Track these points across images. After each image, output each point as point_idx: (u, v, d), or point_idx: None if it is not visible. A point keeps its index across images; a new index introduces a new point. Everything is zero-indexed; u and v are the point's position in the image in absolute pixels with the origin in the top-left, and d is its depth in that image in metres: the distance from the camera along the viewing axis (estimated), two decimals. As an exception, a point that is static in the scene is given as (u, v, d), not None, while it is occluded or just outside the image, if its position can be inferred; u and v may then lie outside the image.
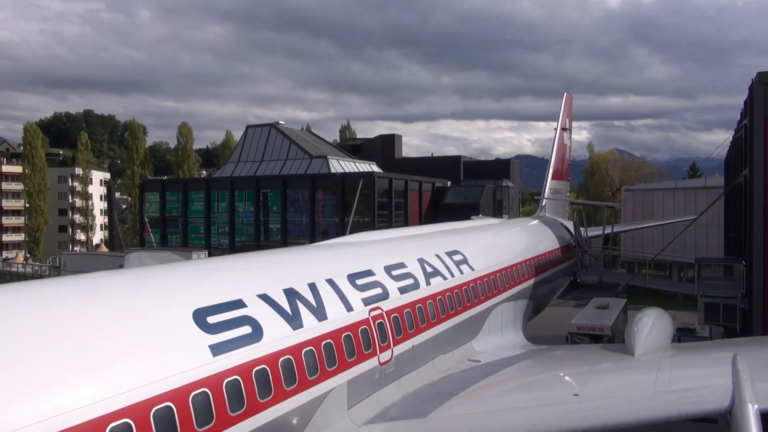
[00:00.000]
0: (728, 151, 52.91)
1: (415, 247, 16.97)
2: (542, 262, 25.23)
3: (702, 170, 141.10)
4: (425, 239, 18.08)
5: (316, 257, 13.72)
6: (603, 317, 38.62)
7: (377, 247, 15.96)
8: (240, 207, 71.25)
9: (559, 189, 37.09)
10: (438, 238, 18.75)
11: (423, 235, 18.48)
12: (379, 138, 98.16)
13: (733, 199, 37.37)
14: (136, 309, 8.56)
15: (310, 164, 70.87)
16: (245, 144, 78.82)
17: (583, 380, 14.05)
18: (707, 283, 28.64)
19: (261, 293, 10.39)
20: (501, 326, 19.28)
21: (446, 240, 18.86)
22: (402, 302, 13.64)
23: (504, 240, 23.53)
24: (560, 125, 37.58)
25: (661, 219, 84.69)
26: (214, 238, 73.25)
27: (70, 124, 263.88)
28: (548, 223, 31.03)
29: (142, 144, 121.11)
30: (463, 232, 20.91)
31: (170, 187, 76.71)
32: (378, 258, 14.70)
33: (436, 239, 18.44)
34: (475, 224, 23.89)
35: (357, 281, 12.85)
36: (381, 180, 64.19)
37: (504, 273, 20.14)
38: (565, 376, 14.45)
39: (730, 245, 40.94)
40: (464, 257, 17.80)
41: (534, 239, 26.54)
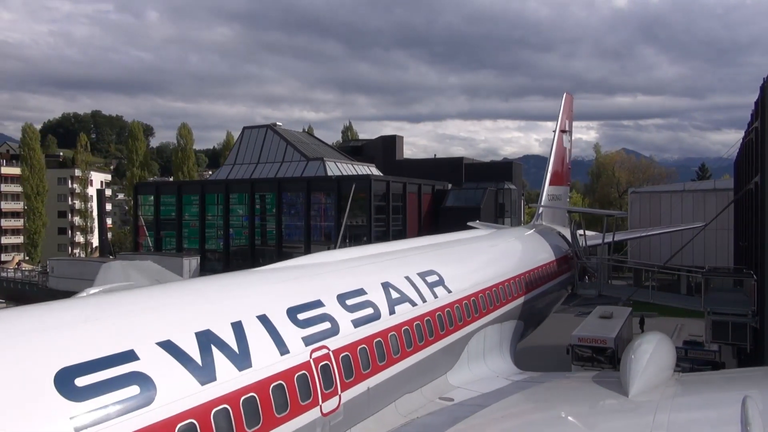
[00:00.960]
0: (738, 153, 50.71)
1: (380, 269, 14.94)
2: (536, 276, 23.24)
3: (712, 171, 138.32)
4: (394, 259, 16.07)
5: (250, 288, 11.69)
6: (606, 328, 36.48)
7: (333, 272, 13.80)
8: (234, 210, 69.61)
9: (558, 195, 35.05)
10: (410, 257, 16.75)
11: (393, 254, 16.43)
12: (380, 139, 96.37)
13: (744, 206, 35.23)
14: None
15: (306, 166, 69.15)
16: (241, 146, 77.22)
17: (566, 430, 12.18)
18: (715, 297, 26.56)
19: (163, 340, 8.52)
20: (484, 353, 17.35)
21: (420, 259, 16.88)
22: (356, 337, 11.74)
23: (490, 255, 21.48)
24: (559, 127, 35.55)
25: (668, 223, 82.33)
26: (209, 241, 71.70)
27: (78, 124, 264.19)
28: (544, 232, 29.02)
29: (142, 145, 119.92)
30: (443, 248, 18.86)
31: (164, 190, 75.24)
32: (331, 285, 12.64)
33: (408, 258, 16.47)
34: (461, 237, 21.85)
35: (299, 316, 10.95)
36: (378, 183, 62.32)
37: (489, 293, 18.18)
38: (544, 425, 12.58)
39: (740, 254, 38.76)
40: (440, 278, 15.90)
41: (527, 251, 24.53)
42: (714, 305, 25.37)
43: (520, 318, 21.09)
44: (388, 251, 16.54)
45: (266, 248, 67.36)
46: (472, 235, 22.83)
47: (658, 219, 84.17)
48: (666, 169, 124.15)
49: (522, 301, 21.15)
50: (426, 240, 19.58)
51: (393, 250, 16.75)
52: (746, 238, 34.90)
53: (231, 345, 9.24)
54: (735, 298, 27.77)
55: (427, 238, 20.17)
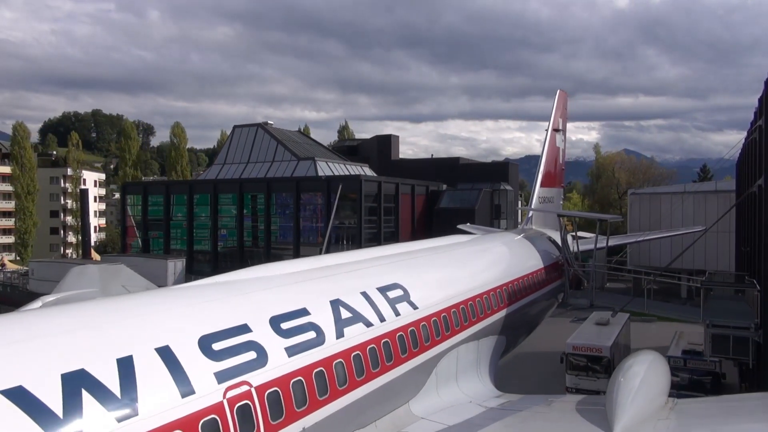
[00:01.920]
0: (740, 153, 49.00)
1: (331, 284, 13.07)
2: (521, 286, 21.40)
3: (713, 172, 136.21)
4: (352, 272, 14.12)
5: (158, 311, 9.67)
6: (602, 335, 34.58)
7: (270, 289, 11.75)
8: (223, 211, 67.83)
9: (550, 197, 33.21)
10: (372, 269, 14.80)
11: (351, 266, 14.50)
12: (375, 139, 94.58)
13: (747, 209, 33.41)
14: None
15: (297, 166, 67.38)
16: (231, 145, 75.44)
17: None
18: (715, 307, 24.72)
19: (13, 387, 6.75)
20: (457, 375, 15.54)
21: (383, 270, 14.96)
22: (290, 368, 9.87)
23: (469, 263, 19.42)
24: (552, 126, 33.70)
25: (668, 225, 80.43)
26: (198, 243, 69.94)
27: (78, 123, 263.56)
28: (533, 237, 27.16)
29: (136, 144, 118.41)
30: (413, 258, 16.90)
31: (152, 190, 73.51)
32: (265, 305, 10.86)
33: (369, 270, 14.56)
34: (438, 244, 19.97)
35: (215, 345, 9.10)
36: (369, 183, 60.49)
37: (464, 307, 16.37)
38: None
39: (742, 260, 36.92)
40: (405, 292, 14.10)
41: (513, 258, 22.67)
42: (714, 317, 23.52)
43: (502, 333, 19.26)
44: (347, 262, 14.70)
45: (255, 250, 65.63)
46: (451, 241, 20.97)
47: (658, 221, 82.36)
48: (666, 170, 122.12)
49: (504, 314, 19.31)
50: (396, 248, 17.72)
51: (353, 261, 14.90)
52: (749, 243, 33.09)
53: (111, 388, 7.41)
54: (737, 308, 25.93)
55: (399, 246, 18.30)
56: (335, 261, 14.56)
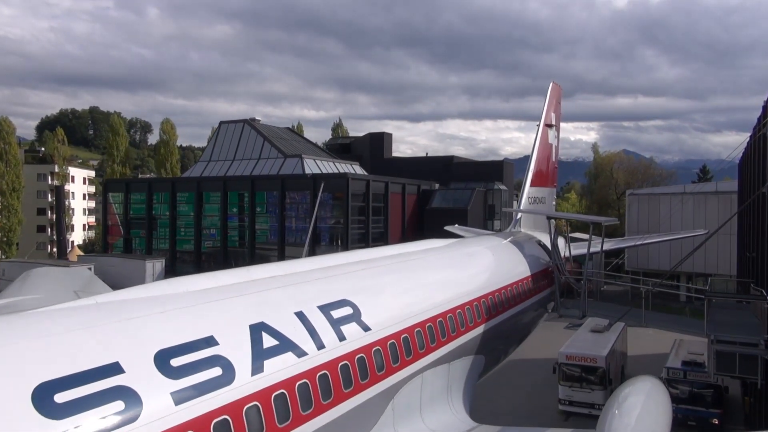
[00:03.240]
0: (743, 154, 46.81)
1: (258, 303, 10.36)
2: (505, 297, 19.03)
3: (713, 173, 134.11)
4: (288, 286, 11.47)
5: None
6: (597, 344, 32.25)
7: (167, 311, 8.99)
8: (207, 209, 65.47)
9: (541, 197, 30.81)
10: (315, 283, 12.17)
11: (290, 278, 11.88)
12: (368, 136, 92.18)
13: (753, 213, 31.10)
14: None
15: (283, 164, 65.07)
16: (217, 142, 73.10)
17: None
18: (720, 320, 22.38)
19: None
20: (420, 407, 13.15)
21: (331, 284, 12.39)
22: (176, 421, 7.43)
23: (443, 273, 16.83)
24: (544, 121, 31.26)
25: (668, 227, 78.20)
26: (182, 242, 67.59)
27: (76, 120, 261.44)
28: (521, 242, 24.76)
29: (124, 141, 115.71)
30: (373, 267, 14.27)
31: (135, 188, 71.13)
32: (152, 335, 8.25)
33: (311, 284, 11.89)
34: (410, 249, 17.44)
35: (59, 397, 6.55)
36: (356, 182, 58.11)
37: (432, 324, 14.00)
38: None
39: (745, 265, 34.62)
40: (355, 310, 11.68)
41: (497, 266, 20.24)
42: (719, 331, 21.17)
43: (479, 352, 16.86)
44: (286, 273, 12.19)
45: (239, 250, 63.31)
46: (426, 246, 18.52)
47: (657, 222, 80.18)
48: (666, 171, 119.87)
49: (483, 330, 16.91)
50: (355, 255, 15.22)
51: (295, 272, 12.41)
52: (754, 249, 30.79)
53: None
54: (743, 320, 23.60)
55: (360, 253, 15.76)
56: (271, 272, 11.99)
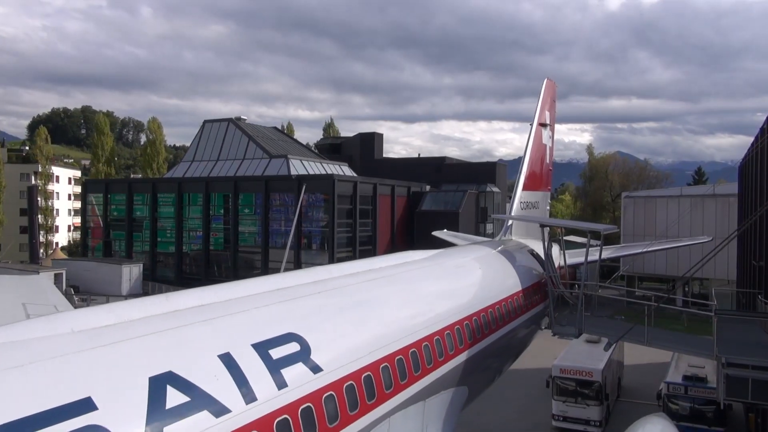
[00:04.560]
0: (744, 158, 45.04)
1: (166, 344, 7.91)
2: (492, 317, 16.83)
3: (707, 174, 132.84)
4: (213, 319, 8.98)
5: None
6: (593, 356, 30.23)
7: (33, 364, 6.38)
8: (188, 212, 63.09)
9: (534, 202, 28.65)
10: (252, 312, 9.74)
11: (219, 308, 9.44)
12: (358, 137, 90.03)
13: (758, 220, 29.08)
14: None
15: (268, 165, 62.74)
16: (201, 141, 70.68)
17: None
18: (729, 337, 20.33)
19: None
20: None
21: (273, 312, 10.06)
22: None
23: (418, 292, 14.45)
24: (537, 120, 29.09)
25: (664, 230, 76.18)
26: (162, 245, 65.19)
27: (68, 120, 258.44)
28: (511, 252, 22.57)
29: (109, 140, 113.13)
30: (326, 289, 11.93)
31: (114, 188, 68.68)
32: (7, 398, 5.75)
33: (247, 314, 9.55)
34: (382, 264, 14.85)
35: None
36: (343, 184, 55.86)
37: (403, 357, 11.77)
38: None
39: (748, 272, 32.65)
40: (304, 347, 9.38)
41: (484, 280, 17.95)
42: (729, 352, 19.09)
43: (462, 383, 14.63)
44: (218, 301, 9.79)
45: (222, 253, 61.02)
46: (403, 259, 16.23)
47: (653, 225, 78.33)
48: (661, 173, 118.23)
49: (467, 357, 14.69)
50: (317, 273, 12.89)
51: (231, 298, 10.08)
52: (762, 257, 28.81)
53: None
54: (753, 337, 21.55)
55: (322, 270, 13.44)
56: (199, 300, 9.54)
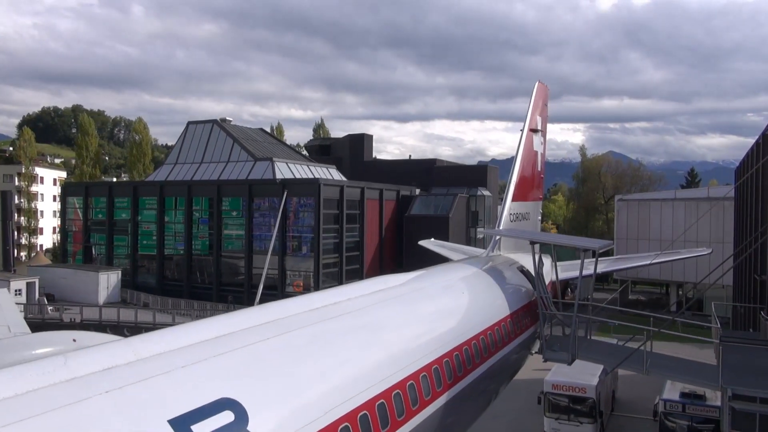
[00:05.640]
0: (742, 162, 43.74)
1: (49, 428, 6.21)
2: (476, 350, 15.04)
3: (699, 176, 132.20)
4: (126, 386, 7.23)
5: None
6: (586, 371, 28.63)
7: None
8: (169, 216, 61.12)
9: (524, 213, 26.93)
10: (177, 372, 7.91)
11: (130, 371, 7.57)
12: (348, 138, 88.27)
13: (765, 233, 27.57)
14: None
15: (253, 167, 60.87)
16: (184, 143, 68.69)
17: None
18: (734, 360, 18.76)
19: None
20: None
21: (204, 369, 8.22)
22: None
23: (386, 331, 12.47)
24: (528, 125, 27.36)
25: (658, 234, 75.12)
26: (143, 251, 63.16)
27: (58, 119, 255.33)
28: (499, 270, 20.86)
29: (94, 141, 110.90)
30: (277, 333, 9.86)
31: (94, 192, 66.59)
32: None
33: (168, 377, 7.70)
34: (347, 295, 12.64)
35: None
36: (329, 188, 54.07)
37: (369, 412, 9.97)
38: None
39: (748, 284, 31.15)
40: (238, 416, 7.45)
41: (468, 308, 16.10)
42: (735, 381, 17.50)
43: (440, 428, 12.91)
44: (135, 359, 7.85)
45: (204, 258, 59.11)
46: (375, 287, 14.34)
47: (647, 229, 77.15)
48: (654, 175, 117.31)
49: (445, 402, 12.96)
50: (270, 311, 10.99)
51: (154, 353, 8.19)
52: (764, 271, 27.32)
53: None
54: (760, 360, 19.98)
55: (277, 307, 11.53)
56: (108, 359, 7.55)
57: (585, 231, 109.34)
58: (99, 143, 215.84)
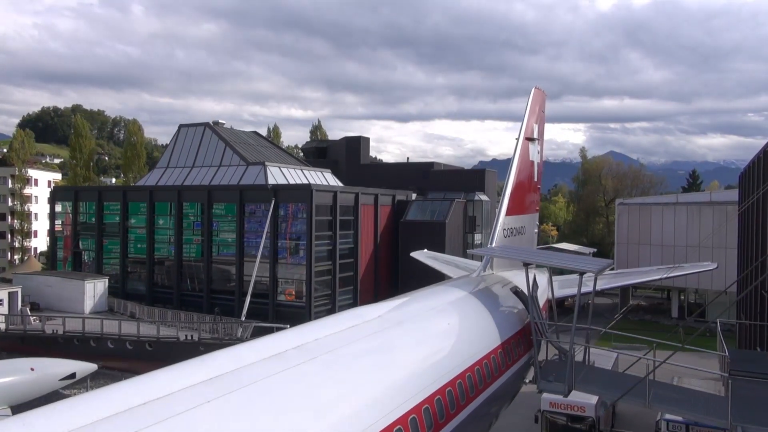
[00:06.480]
0: (747, 168, 42.20)
1: None
2: (462, 390, 13.44)
3: (701, 177, 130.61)
4: None
5: None
6: (585, 388, 27.72)
7: None
8: (159, 222, 59.69)
9: (519, 228, 25.40)
10: None
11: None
12: (344, 141, 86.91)
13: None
14: None
15: (245, 172, 59.48)
16: (176, 146, 67.29)
17: None
18: (745, 392, 17.31)
19: None
20: None
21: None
22: None
23: (357, 381, 10.90)
24: (524, 133, 25.91)
25: (659, 238, 73.78)
26: (132, 257, 61.72)
27: (58, 119, 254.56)
28: (491, 292, 19.38)
29: (88, 143, 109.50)
30: (219, 394, 8.32)
31: (83, 196, 65.16)
32: None
33: None
34: (313, 335, 11.01)
35: None
36: (321, 194, 52.62)
37: None
38: None
39: (756, 301, 29.65)
40: None
41: (455, 343, 14.47)
42: (746, 418, 16.05)
43: None
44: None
45: (195, 264, 57.69)
46: (348, 323, 12.86)
47: (648, 234, 75.69)
48: (656, 177, 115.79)
49: None
50: (214, 364, 9.38)
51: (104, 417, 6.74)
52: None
53: None
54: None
55: (223, 358, 9.91)
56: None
57: (585, 234, 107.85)
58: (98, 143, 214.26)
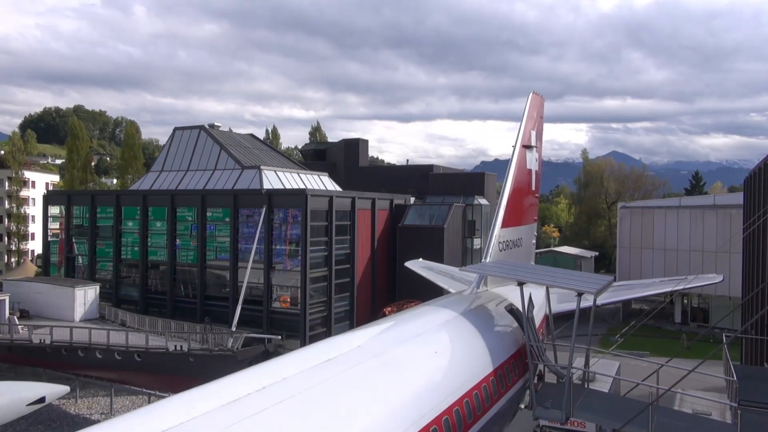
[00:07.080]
0: (752, 173, 41.01)
1: None
2: (448, 426, 12.52)
3: (704, 179, 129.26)
4: None
5: None
6: (586, 402, 26.73)
7: None
8: (153, 227, 58.68)
9: (516, 240, 24.29)
10: None
11: None
12: (342, 143, 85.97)
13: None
14: None
15: (240, 176, 58.42)
16: (171, 150, 66.28)
17: None
18: (756, 418, 16.19)
19: None
20: None
21: None
22: None
23: (333, 422, 9.93)
24: (521, 140, 24.84)
25: (662, 242, 72.63)
26: (125, 263, 60.70)
27: (59, 119, 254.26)
28: (483, 312, 18.31)
29: (84, 144, 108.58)
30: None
31: (76, 201, 64.17)
32: None
33: None
34: (287, 370, 10.10)
35: None
36: (316, 199, 51.56)
37: None
38: None
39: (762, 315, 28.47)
40: None
41: (444, 377, 13.41)
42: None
43: None
44: None
45: (188, 271, 56.64)
46: (326, 354, 11.91)
47: (650, 238, 74.57)
48: (658, 179, 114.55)
49: None
50: (168, 409, 8.60)
51: None
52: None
53: None
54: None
55: (182, 401, 9.17)
56: None
57: (587, 237, 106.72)
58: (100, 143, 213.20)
